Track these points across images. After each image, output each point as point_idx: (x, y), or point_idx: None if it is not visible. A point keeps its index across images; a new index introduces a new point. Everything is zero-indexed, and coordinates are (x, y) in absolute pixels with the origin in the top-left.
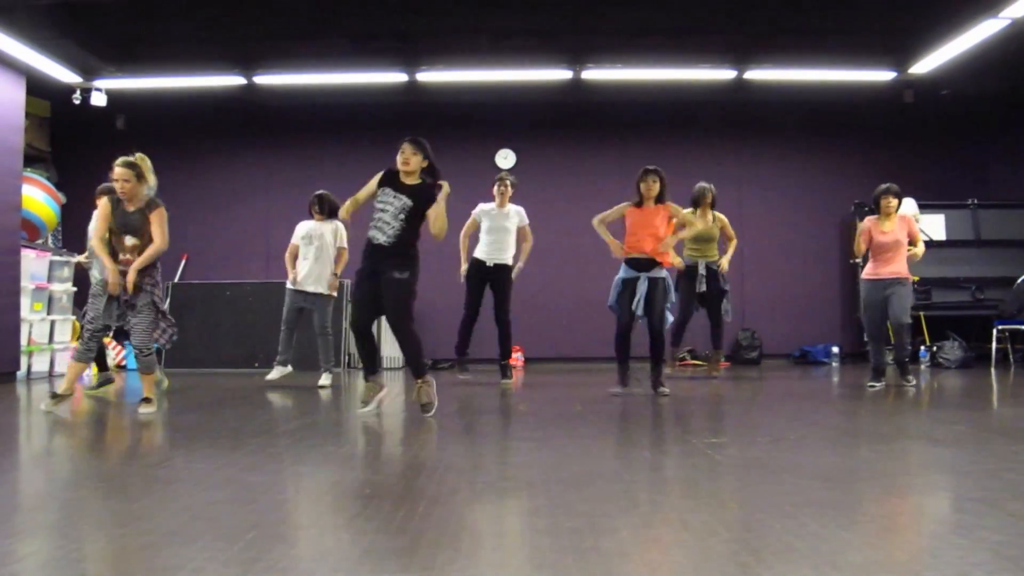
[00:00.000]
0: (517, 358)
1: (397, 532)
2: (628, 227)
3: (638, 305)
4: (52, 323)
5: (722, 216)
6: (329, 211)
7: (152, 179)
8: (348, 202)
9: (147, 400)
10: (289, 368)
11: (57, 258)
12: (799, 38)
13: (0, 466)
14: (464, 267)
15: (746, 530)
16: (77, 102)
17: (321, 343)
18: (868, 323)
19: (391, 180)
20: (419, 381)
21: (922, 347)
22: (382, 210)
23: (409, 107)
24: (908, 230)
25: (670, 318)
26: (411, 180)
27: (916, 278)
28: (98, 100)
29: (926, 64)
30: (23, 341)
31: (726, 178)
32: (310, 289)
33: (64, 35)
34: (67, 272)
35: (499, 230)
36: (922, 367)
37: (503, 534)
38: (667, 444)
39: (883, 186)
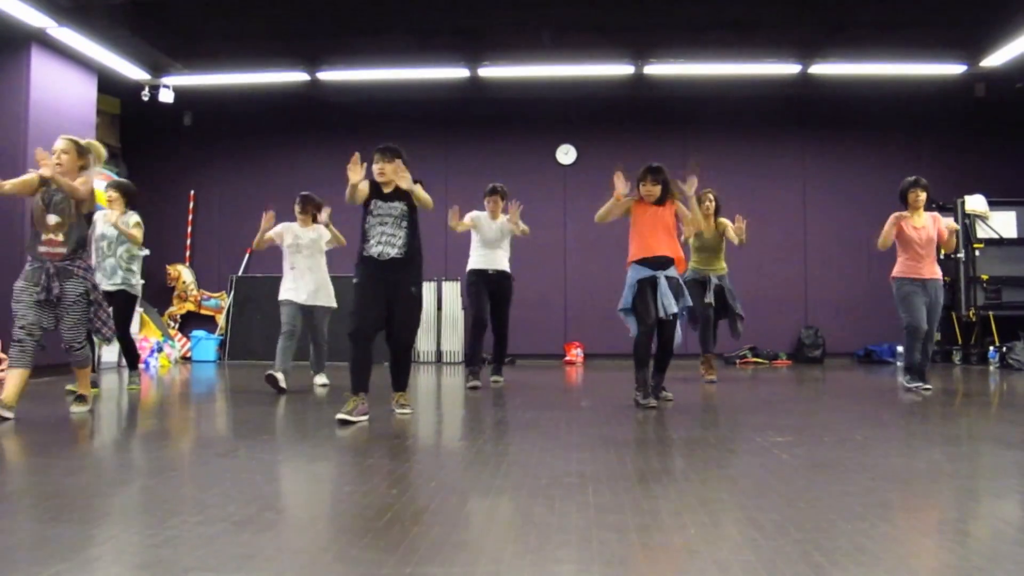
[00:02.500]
0: (576, 354)
1: (464, 525)
2: (637, 226)
3: (667, 304)
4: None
5: (725, 221)
6: (314, 216)
7: (94, 170)
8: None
9: (81, 398)
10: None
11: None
12: (866, 31)
13: (72, 454)
14: (456, 212)
15: (817, 530)
16: (146, 99)
17: (317, 352)
18: (918, 322)
19: (375, 191)
20: (400, 395)
21: (991, 348)
22: (382, 223)
23: (470, 103)
24: (939, 228)
25: (679, 336)
26: (391, 188)
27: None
28: (166, 97)
29: (999, 57)
30: None
31: (789, 175)
32: (319, 303)
33: (134, 33)
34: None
35: (494, 242)
36: (991, 368)
37: (570, 529)
38: (731, 442)
39: (911, 179)
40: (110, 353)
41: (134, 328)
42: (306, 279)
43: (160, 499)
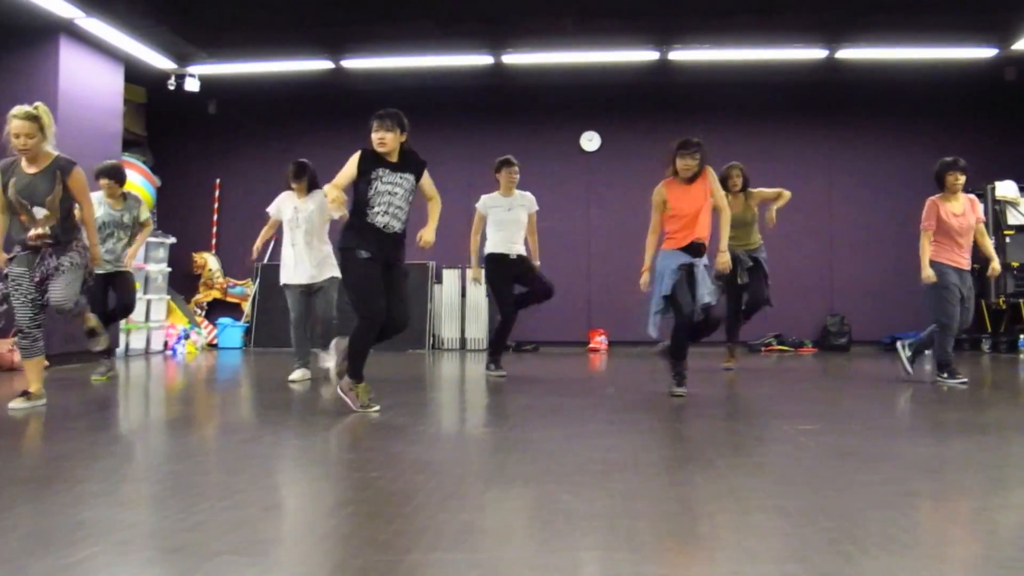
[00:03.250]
0: (600, 341)
1: (491, 512)
2: (673, 209)
3: (704, 294)
4: (148, 302)
5: (756, 191)
6: (311, 182)
7: (52, 133)
8: (336, 192)
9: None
10: (309, 371)
11: (153, 239)
12: (894, 15)
13: (103, 439)
14: (477, 270)
15: (846, 519)
16: (172, 88)
17: (324, 331)
18: (954, 319)
19: (380, 160)
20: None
21: (1021, 336)
22: (391, 193)
23: (494, 89)
24: (977, 215)
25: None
26: (395, 157)
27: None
28: (191, 86)
29: None
30: (121, 320)
31: (815, 161)
32: (318, 280)
33: (160, 22)
34: (162, 253)
35: (511, 223)
36: (1021, 356)
37: (596, 516)
38: (758, 430)
39: (948, 160)
40: (138, 340)
41: (160, 314)
42: (306, 258)
43: (188, 484)
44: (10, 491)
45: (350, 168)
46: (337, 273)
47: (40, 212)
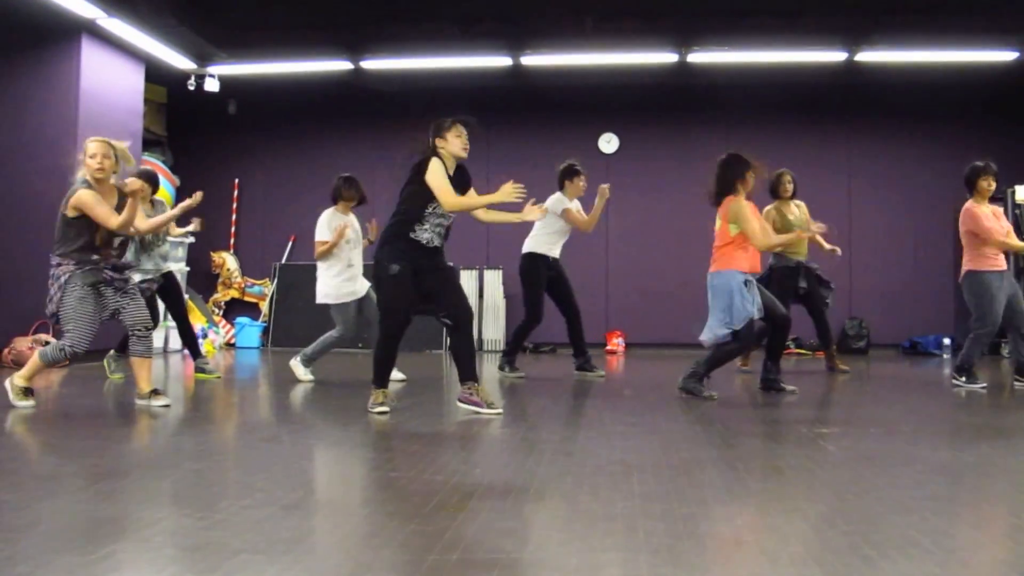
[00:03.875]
0: (618, 343)
1: (509, 512)
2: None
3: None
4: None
5: (803, 205)
6: (361, 199)
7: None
8: (470, 201)
9: (156, 391)
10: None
11: (172, 239)
12: (916, 17)
13: (124, 437)
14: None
15: (866, 523)
16: (192, 88)
17: (329, 338)
18: (996, 320)
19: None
20: (475, 384)
21: None
22: (444, 215)
23: (513, 91)
24: (1002, 221)
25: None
26: (453, 168)
27: None
28: (211, 86)
29: None
30: None
31: (835, 164)
32: (368, 290)
33: (181, 22)
34: (182, 252)
35: (563, 231)
36: None
37: (615, 518)
38: (776, 433)
39: (980, 163)
40: (156, 338)
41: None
42: (356, 271)
43: (208, 482)
44: (32, 487)
45: (443, 174)
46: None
47: (118, 240)
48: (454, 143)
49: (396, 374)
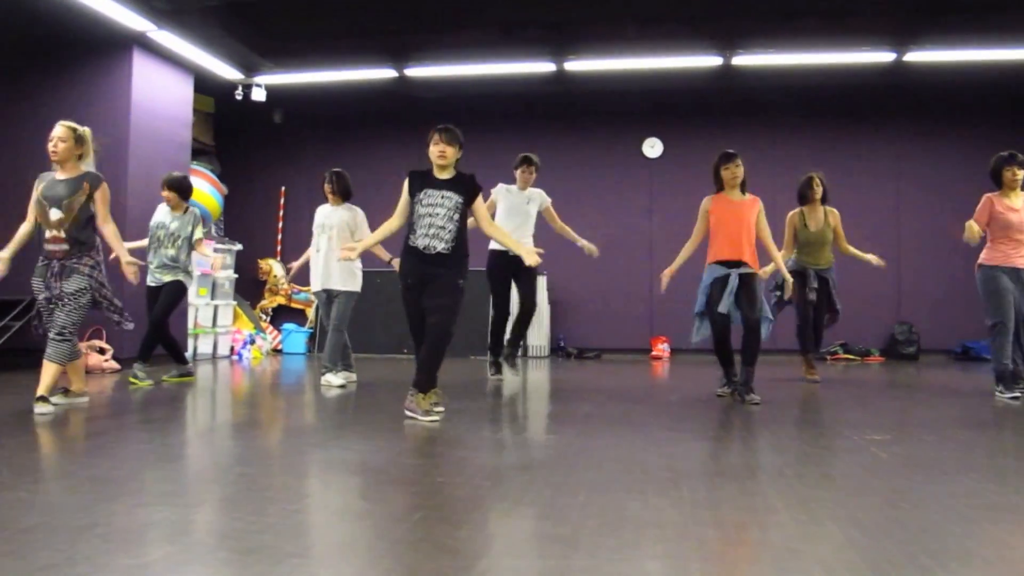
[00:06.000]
0: (663, 348)
1: (559, 519)
2: (715, 224)
3: (727, 303)
4: (215, 308)
5: (835, 212)
6: (344, 192)
7: (91, 156)
8: (377, 233)
9: (42, 398)
10: (354, 374)
11: (220, 246)
12: (966, 15)
13: (173, 441)
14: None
15: (923, 532)
16: (239, 98)
17: (334, 339)
18: (1008, 318)
19: (425, 180)
20: (433, 392)
21: None
22: (431, 214)
23: (556, 97)
24: None
25: (770, 319)
26: (447, 174)
27: None
28: (258, 95)
29: None
30: (189, 324)
31: (882, 167)
32: (336, 287)
33: (229, 34)
34: (229, 259)
35: (519, 213)
36: None
37: (666, 525)
38: (826, 439)
39: (1004, 154)
40: (205, 344)
41: (227, 320)
42: (319, 261)
43: (258, 487)
44: (89, 490)
45: (403, 196)
46: (352, 287)
47: (56, 214)
48: (431, 151)
49: (336, 379)
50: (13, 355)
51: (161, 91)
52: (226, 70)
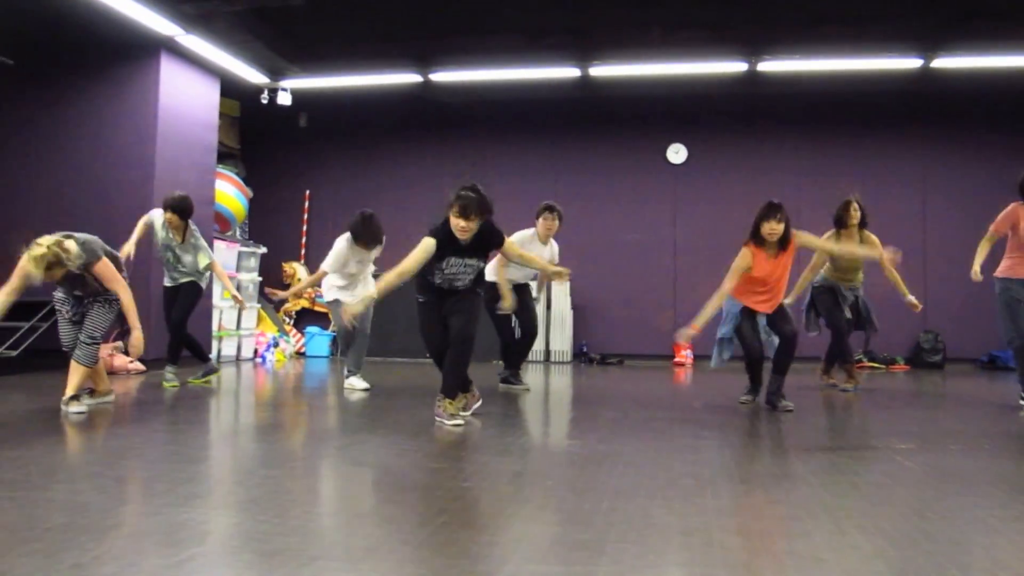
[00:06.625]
0: (686, 355)
1: (584, 525)
2: (758, 276)
3: (762, 338)
4: (239, 311)
5: (872, 237)
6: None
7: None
8: (392, 277)
9: (74, 398)
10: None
11: (245, 249)
12: (995, 21)
13: (197, 444)
14: (508, 301)
15: (951, 543)
16: (264, 102)
17: (361, 344)
18: (1022, 334)
19: (447, 247)
20: (462, 396)
21: None
22: (454, 275)
23: (581, 102)
24: None
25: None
26: (469, 240)
27: None
28: (283, 99)
29: None
30: (213, 327)
31: (908, 175)
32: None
33: (255, 38)
34: (254, 262)
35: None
36: None
37: (690, 532)
38: (852, 448)
39: None
40: (229, 347)
41: (251, 323)
42: (355, 285)
43: (283, 489)
44: (116, 490)
45: (421, 255)
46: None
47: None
48: (453, 222)
49: (360, 382)
50: (40, 356)
51: (188, 95)
52: (252, 74)
